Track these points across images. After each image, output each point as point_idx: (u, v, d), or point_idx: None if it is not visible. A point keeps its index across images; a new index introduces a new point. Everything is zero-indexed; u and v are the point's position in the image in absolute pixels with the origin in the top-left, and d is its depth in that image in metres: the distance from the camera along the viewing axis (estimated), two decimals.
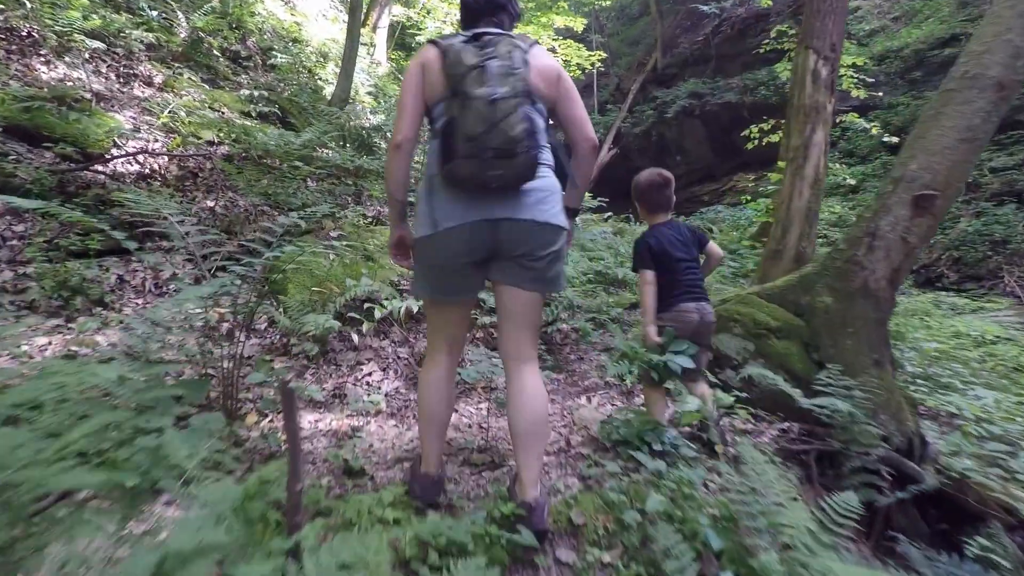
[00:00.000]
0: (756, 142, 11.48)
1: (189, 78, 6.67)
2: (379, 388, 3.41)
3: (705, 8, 19.17)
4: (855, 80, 10.59)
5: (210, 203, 4.90)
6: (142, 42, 6.43)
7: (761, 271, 4.32)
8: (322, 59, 10.73)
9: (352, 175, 6.35)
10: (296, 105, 7.79)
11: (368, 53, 13.26)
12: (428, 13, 15.72)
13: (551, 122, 2.02)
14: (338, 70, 9.25)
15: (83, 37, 5.43)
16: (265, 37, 9.61)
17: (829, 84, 4.33)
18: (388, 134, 11.18)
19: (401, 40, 16.56)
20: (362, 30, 13.70)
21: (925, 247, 12.42)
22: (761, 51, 14.16)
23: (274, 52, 9.05)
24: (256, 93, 6.60)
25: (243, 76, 7.68)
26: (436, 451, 2.10)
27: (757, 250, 8.96)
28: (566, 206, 2.05)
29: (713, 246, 2.91)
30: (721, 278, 6.30)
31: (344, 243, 4.44)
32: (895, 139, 10.85)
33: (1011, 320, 7.82)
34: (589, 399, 3.45)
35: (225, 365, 2.64)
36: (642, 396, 3.07)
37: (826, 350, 3.05)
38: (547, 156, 1.96)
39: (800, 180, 4.25)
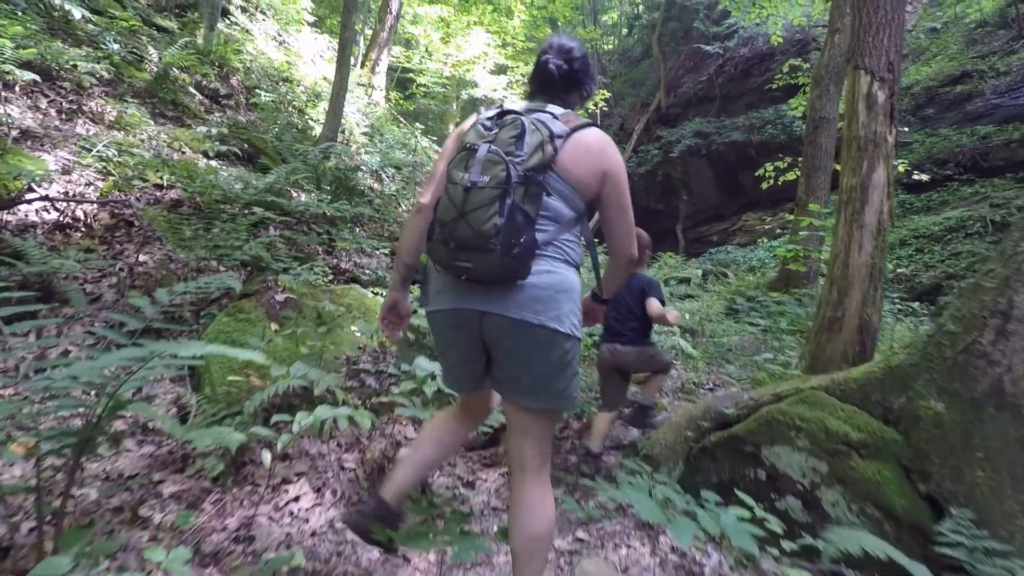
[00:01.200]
0: (771, 181, 10.52)
1: (149, 115, 5.85)
2: (306, 520, 2.40)
3: (708, 48, 18.58)
4: None
5: (140, 257, 3.98)
6: (96, 76, 5.63)
7: (814, 345, 3.31)
8: (314, 99, 10.01)
9: (326, 221, 5.45)
10: (277, 145, 6.97)
11: (366, 93, 12.60)
12: (429, 55, 15.18)
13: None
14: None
15: (13, 68, 4.61)
16: (252, 76, 8.90)
17: (888, 111, 3.40)
18: (383, 175, 10.42)
19: (402, 80, 15.99)
20: (360, 70, 13.10)
21: (954, 291, 11.30)
22: (773, 87, 13.34)
23: (258, 91, 8.30)
24: (215, 131, 5.75)
25: (217, 114, 6.88)
26: (401, 480, 1.87)
27: (782, 305, 7.95)
28: (594, 293, 1.99)
29: (650, 303, 3.30)
30: (754, 335, 5.28)
31: (288, 299, 3.50)
32: (924, 176, 9.88)
33: None
34: (601, 542, 2.41)
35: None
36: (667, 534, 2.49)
37: (941, 481, 2.03)
38: (563, 252, 1.69)
39: (859, 229, 3.28)
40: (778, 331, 5.34)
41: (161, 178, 4.84)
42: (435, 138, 15.05)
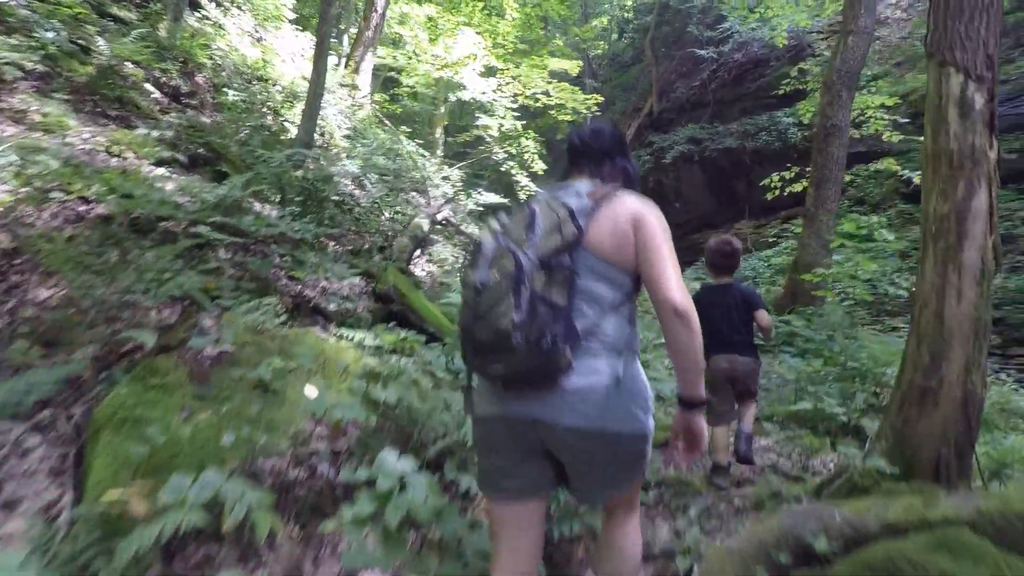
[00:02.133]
0: (777, 191, 9.77)
1: (87, 114, 4.95)
2: None
3: (702, 53, 17.85)
4: (887, 123, 8.98)
5: (41, 292, 3.10)
6: (22, 68, 4.72)
7: (899, 420, 2.49)
8: (291, 99, 9.10)
9: (288, 241, 4.58)
10: (242, 150, 6.07)
11: (349, 94, 11.70)
12: (417, 56, 14.29)
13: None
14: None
15: None
16: (222, 73, 7.98)
17: (988, 118, 2.61)
18: (366, 181, 9.54)
19: (388, 82, 15.08)
20: (343, 71, 12.19)
21: None
22: (776, 93, 12.57)
23: (227, 89, 7.39)
24: (159, 134, 4.84)
25: (174, 115, 5.96)
26: None
27: (792, 324, 7.20)
28: (679, 397, 1.52)
29: (761, 315, 3.32)
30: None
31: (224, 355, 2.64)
32: None
33: None
34: None
35: None
36: None
37: None
38: (610, 339, 1.46)
39: (956, 271, 2.49)
40: (809, 370, 4.54)
41: (88, 189, 3.95)
42: (422, 142, 14.18)
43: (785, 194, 9.70)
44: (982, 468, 2.50)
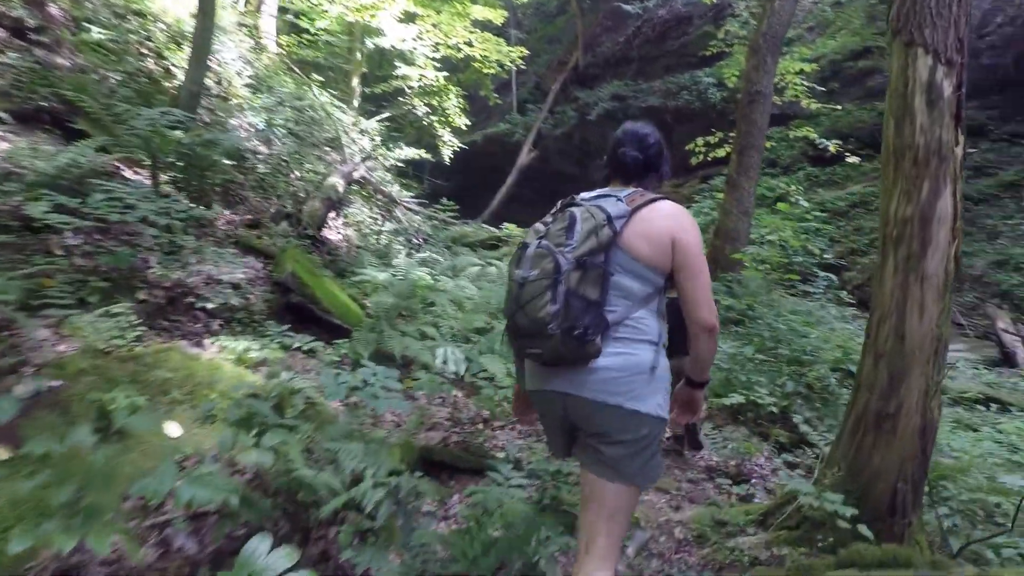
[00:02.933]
0: (701, 156, 9.56)
1: None
2: None
3: (628, 8, 17.25)
4: (805, 89, 8.88)
5: None
6: None
7: (852, 449, 2.21)
8: (178, 40, 7.80)
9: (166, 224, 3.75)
10: (109, 102, 5.00)
11: (252, 37, 10.32)
12: None
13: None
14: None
15: None
16: (87, 5, 6.62)
17: (955, 110, 2.29)
18: (272, 136, 8.49)
19: (297, 25, 13.51)
20: (242, 12, 10.71)
21: (857, 267, 11.04)
22: (708, 53, 12.23)
23: (89, 25, 6.13)
24: None
25: (12, 54, 4.79)
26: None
27: (717, 294, 7.08)
28: (688, 377, 1.76)
29: None
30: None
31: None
32: (855, 159, 9.20)
33: None
34: None
35: None
36: None
37: None
38: (638, 329, 1.61)
39: (918, 282, 2.20)
40: (740, 358, 4.32)
41: None
42: (336, 93, 12.91)
43: (709, 159, 9.53)
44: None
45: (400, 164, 15.68)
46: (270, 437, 1.88)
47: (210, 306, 3.26)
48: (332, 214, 8.58)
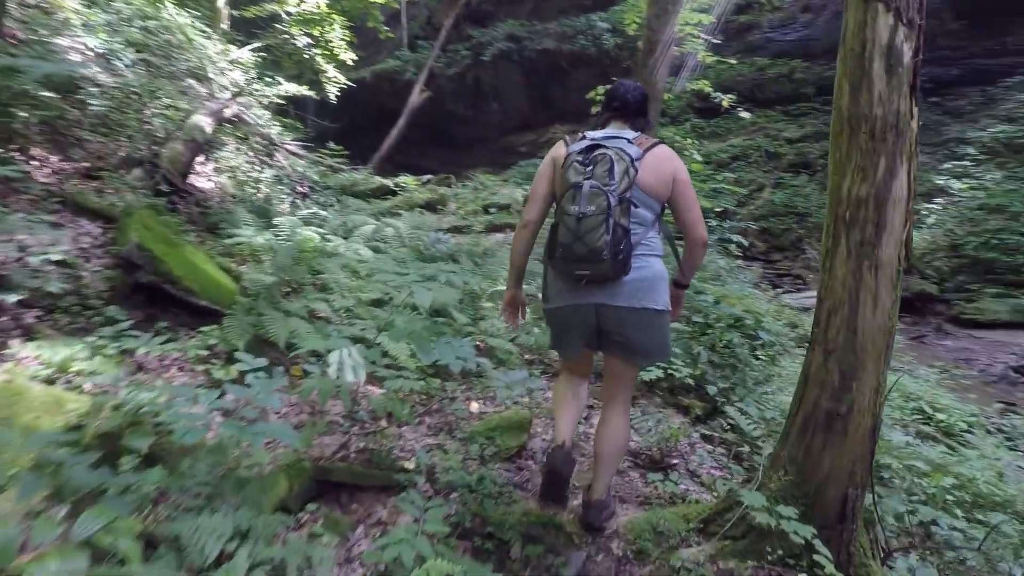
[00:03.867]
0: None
1: None
2: None
3: None
4: (703, 42, 8.73)
5: None
6: None
7: (800, 451, 1.99)
8: None
9: None
10: None
11: None
12: None
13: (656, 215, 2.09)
14: None
15: None
16: None
17: (912, 79, 2.04)
18: (118, 61, 6.91)
19: None
20: None
21: (737, 217, 11.55)
22: None
23: None
24: None
25: None
26: (567, 433, 2.20)
27: None
28: (676, 281, 2.23)
29: None
30: None
31: None
32: (747, 114, 9.28)
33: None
34: None
35: None
36: None
37: None
38: (650, 247, 2.04)
39: (871, 270, 1.98)
40: None
41: None
42: (199, 13, 10.91)
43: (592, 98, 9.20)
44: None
45: (280, 102, 13.95)
46: (88, 519, 1.29)
47: (14, 298, 2.41)
48: (200, 158, 7.32)
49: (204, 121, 7.05)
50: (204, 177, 7.43)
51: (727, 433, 3.28)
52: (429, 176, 11.60)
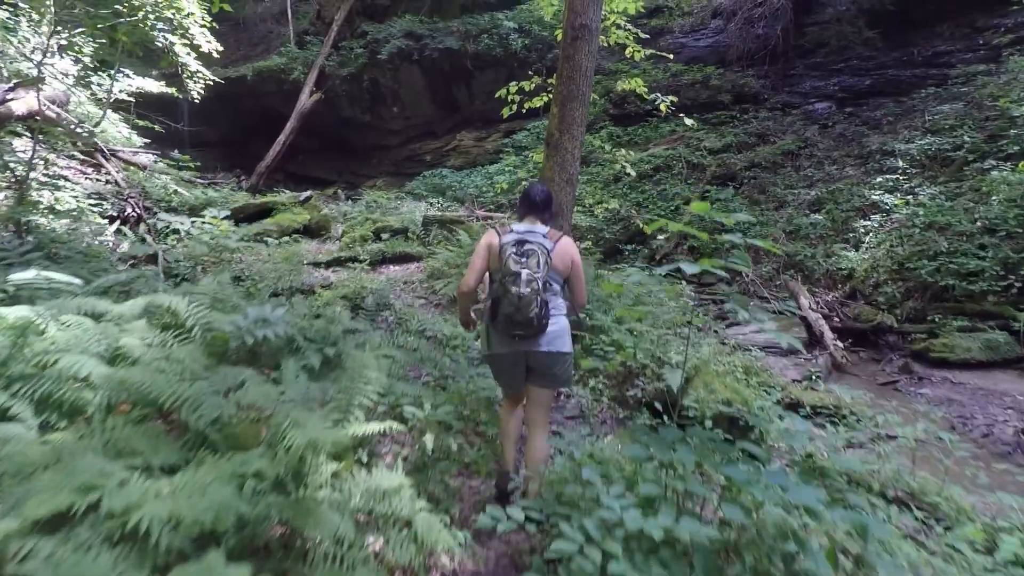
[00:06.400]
0: (514, 107, 7.34)
1: None
2: None
3: None
4: (631, 35, 7.11)
5: None
6: None
7: None
8: None
9: None
10: None
11: None
12: None
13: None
14: None
15: None
16: None
17: None
18: None
19: None
20: None
21: (665, 236, 10.08)
22: None
23: None
24: None
25: None
26: (511, 457, 2.86)
27: None
28: (572, 322, 2.86)
29: None
30: None
31: None
32: (690, 121, 7.76)
33: None
34: None
35: None
36: None
37: None
38: (558, 308, 2.74)
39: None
40: None
41: None
42: None
43: (524, 111, 7.39)
44: None
45: (129, 99, 10.90)
46: None
47: None
48: None
49: None
50: None
51: None
52: (309, 192, 9.21)
